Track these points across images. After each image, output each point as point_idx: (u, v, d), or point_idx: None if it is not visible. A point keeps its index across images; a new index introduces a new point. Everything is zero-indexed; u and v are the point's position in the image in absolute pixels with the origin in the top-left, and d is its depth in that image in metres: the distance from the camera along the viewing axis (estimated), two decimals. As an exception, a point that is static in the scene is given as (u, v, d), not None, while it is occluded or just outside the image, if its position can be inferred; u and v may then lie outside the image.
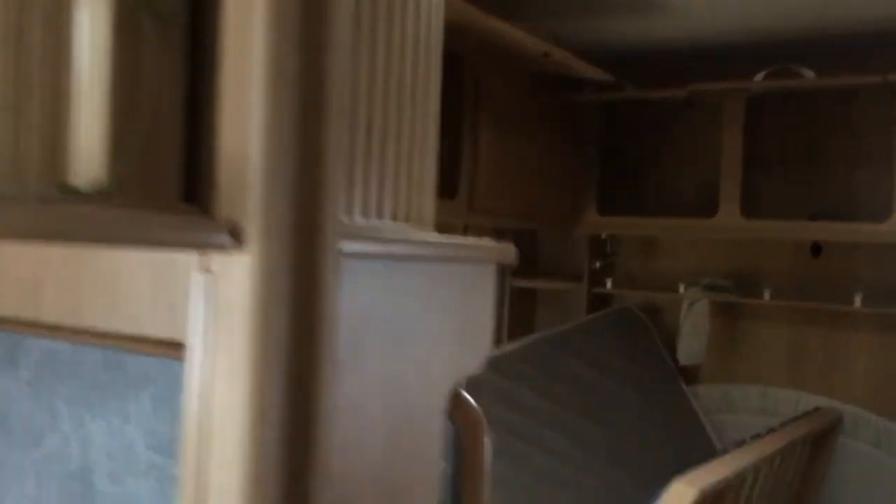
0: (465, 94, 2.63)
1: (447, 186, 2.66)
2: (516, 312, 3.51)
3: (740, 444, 2.31)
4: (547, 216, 3.14)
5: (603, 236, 3.35)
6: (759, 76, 2.92)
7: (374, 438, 0.70)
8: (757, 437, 2.43)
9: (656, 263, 3.40)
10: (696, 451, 2.73)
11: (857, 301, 2.90)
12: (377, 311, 0.69)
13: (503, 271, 3.45)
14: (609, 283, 3.40)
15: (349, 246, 0.62)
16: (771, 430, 2.54)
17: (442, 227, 0.85)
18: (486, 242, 0.84)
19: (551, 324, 3.25)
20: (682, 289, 3.21)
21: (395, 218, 0.82)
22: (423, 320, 0.76)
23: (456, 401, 0.80)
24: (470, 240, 0.85)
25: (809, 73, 2.85)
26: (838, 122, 3.03)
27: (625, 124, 3.39)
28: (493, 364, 2.71)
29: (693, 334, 3.12)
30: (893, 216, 2.71)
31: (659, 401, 3.12)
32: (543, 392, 2.73)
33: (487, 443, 0.79)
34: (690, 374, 3.27)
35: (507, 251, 0.88)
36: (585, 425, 2.77)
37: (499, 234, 3.25)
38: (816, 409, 2.95)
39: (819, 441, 2.89)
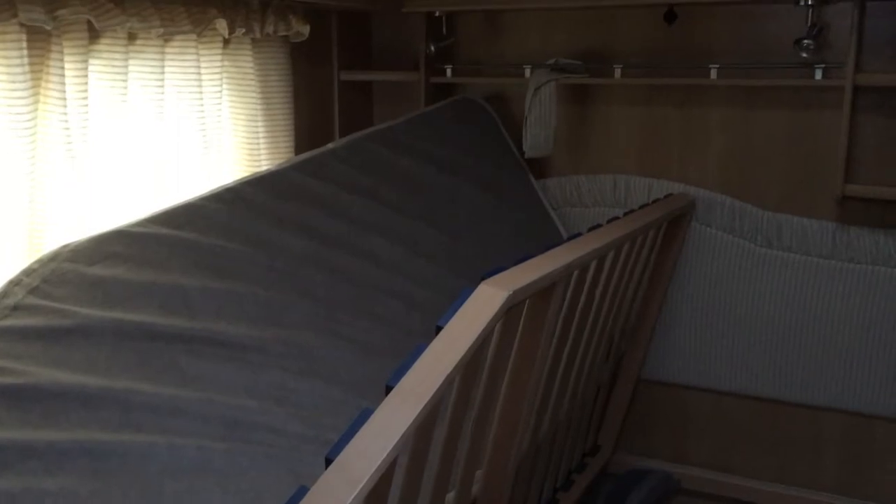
0: None
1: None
2: (349, 111, 3.09)
3: (573, 237, 2.04)
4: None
5: (437, 13, 2.90)
6: None
7: None
8: (596, 227, 2.17)
9: (500, 45, 3.00)
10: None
11: (713, 73, 2.61)
12: None
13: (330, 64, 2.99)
14: (449, 72, 3.00)
15: None
16: (613, 219, 2.28)
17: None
18: None
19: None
20: (528, 73, 2.85)
21: None
22: None
23: None
24: None
25: None
26: None
27: None
28: (307, 166, 2.32)
29: (540, 122, 2.79)
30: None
31: (506, 198, 2.82)
32: (369, 195, 2.37)
33: None
34: (539, 167, 2.98)
35: None
36: (420, 230, 2.44)
37: (320, 17, 2.77)
38: (667, 196, 2.72)
39: (669, 228, 2.68)
